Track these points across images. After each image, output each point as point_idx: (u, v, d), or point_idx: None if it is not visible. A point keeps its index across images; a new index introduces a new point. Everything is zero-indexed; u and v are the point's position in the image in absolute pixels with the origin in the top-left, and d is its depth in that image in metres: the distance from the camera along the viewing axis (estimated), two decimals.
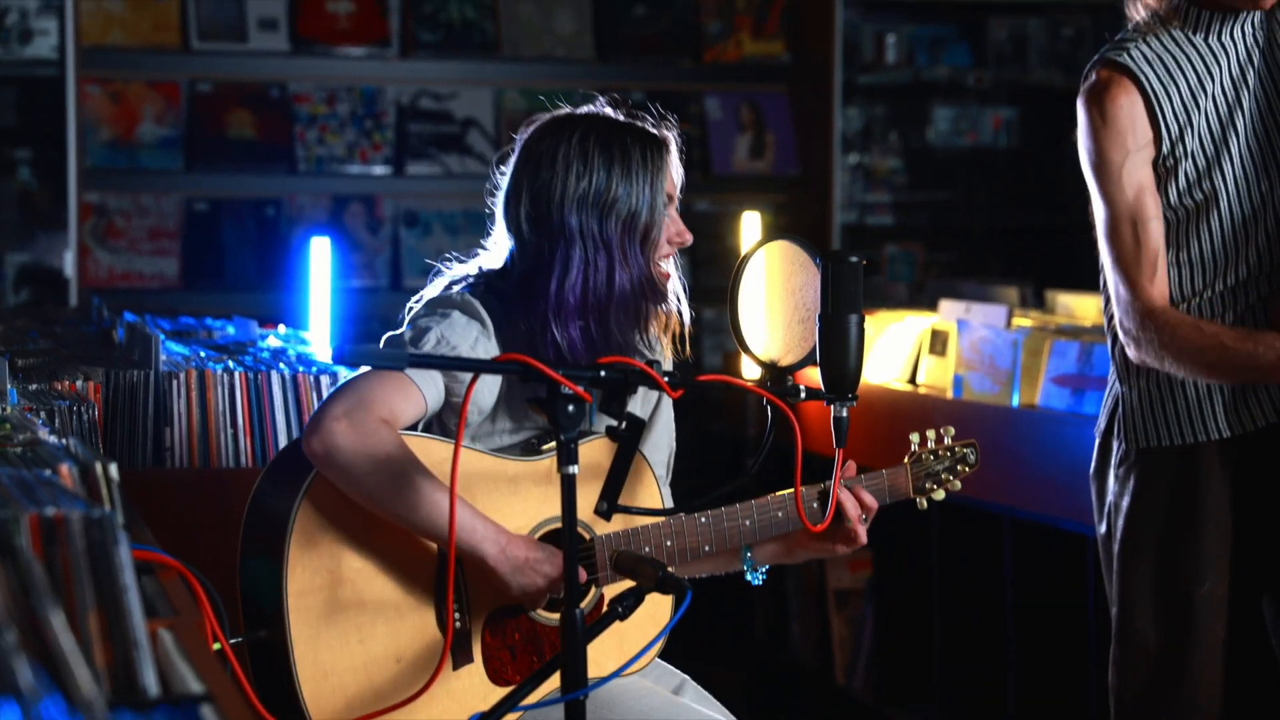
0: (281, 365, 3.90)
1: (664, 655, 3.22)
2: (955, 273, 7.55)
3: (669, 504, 3.14)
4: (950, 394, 5.20)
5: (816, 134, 7.50)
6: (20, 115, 7.08)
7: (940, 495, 3.26)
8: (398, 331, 3.02)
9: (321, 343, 4.94)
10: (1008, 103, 7.84)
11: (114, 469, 2.21)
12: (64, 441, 2.47)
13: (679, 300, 3.12)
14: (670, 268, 3.13)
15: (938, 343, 5.38)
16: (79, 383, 3.57)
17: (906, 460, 3.23)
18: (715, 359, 7.36)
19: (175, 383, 3.72)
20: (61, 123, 6.67)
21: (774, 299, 2.98)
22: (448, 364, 2.83)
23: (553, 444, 2.98)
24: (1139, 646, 3.45)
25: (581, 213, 3.01)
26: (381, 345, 2.65)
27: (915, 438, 3.25)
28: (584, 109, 3.12)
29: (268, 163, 7.19)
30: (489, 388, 2.99)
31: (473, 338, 2.98)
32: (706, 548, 3.04)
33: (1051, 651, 4.97)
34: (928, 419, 5.15)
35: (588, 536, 3.00)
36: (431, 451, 2.89)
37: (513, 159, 3.11)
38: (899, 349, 5.62)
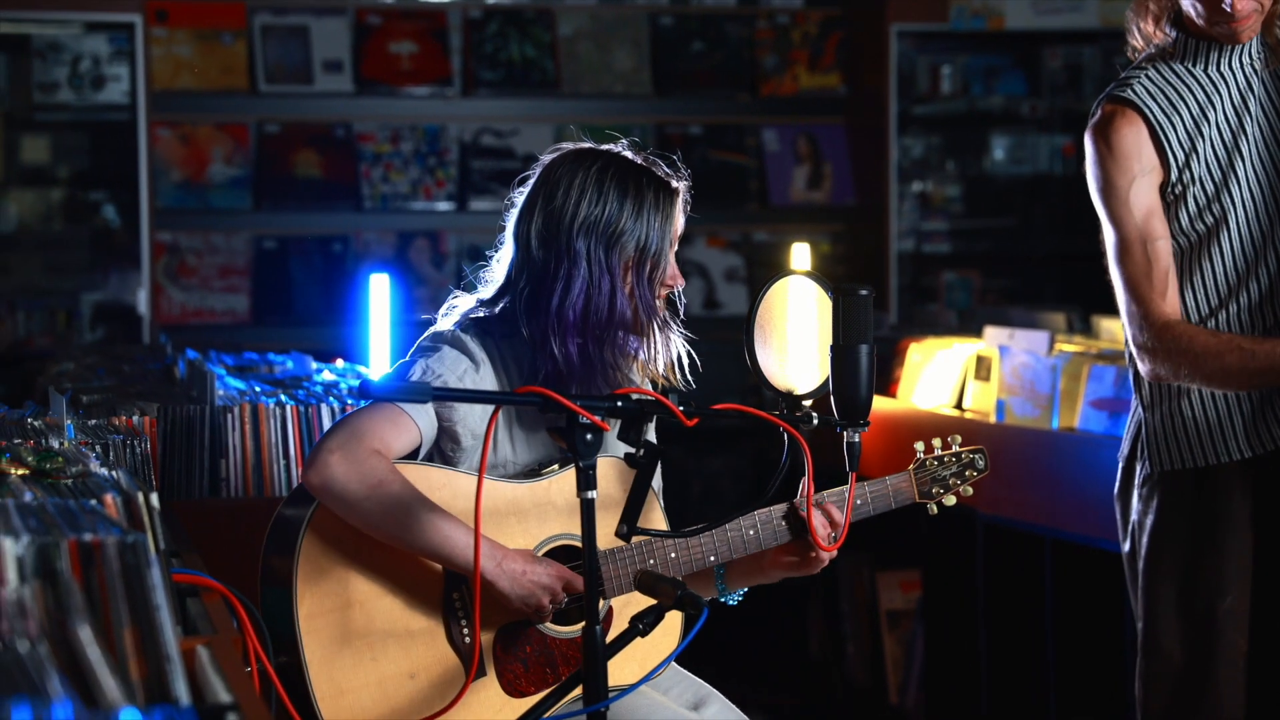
0: (331, 398, 4.04)
1: (702, 672, 3.34)
2: (1012, 299, 7.60)
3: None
4: (993, 418, 5.29)
5: (873, 164, 7.60)
6: (94, 159, 7.26)
7: (951, 501, 3.35)
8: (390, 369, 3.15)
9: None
10: (1063, 130, 7.91)
11: (155, 498, 2.35)
12: (113, 474, 2.61)
13: (675, 328, 3.24)
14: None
15: (982, 368, 5.47)
16: (135, 418, 3.73)
17: (911, 467, 3.34)
18: None
19: (230, 416, 3.87)
20: (134, 165, 6.85)
21: (790, 331, 3.10)
22: (468, 397, 2.97)
23: (553, 468, 3.13)
24: (1164, 660, 3.54)
25: (590, 238, 3.14)
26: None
27: (920, 446, 3.35)
28: (605, 146, 3.26)
29: (334, 201, 7.36)
30: (482, 414, 3.11)
31: (460, 370, 3.12)
32: (712, 557, 3.17)
33: (1092, 668, 5.05)
34: (971, 442, 5.24)
35: None
36: (428, 478, 3.03)
37: (531, 180, 3.24)
38: (946, 375, 5.71)
